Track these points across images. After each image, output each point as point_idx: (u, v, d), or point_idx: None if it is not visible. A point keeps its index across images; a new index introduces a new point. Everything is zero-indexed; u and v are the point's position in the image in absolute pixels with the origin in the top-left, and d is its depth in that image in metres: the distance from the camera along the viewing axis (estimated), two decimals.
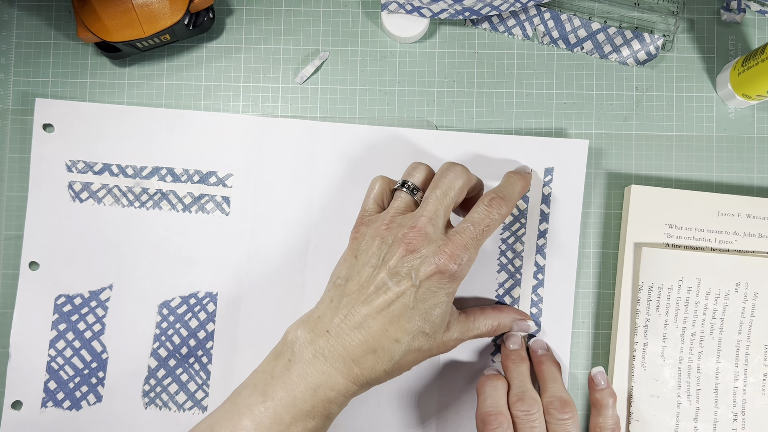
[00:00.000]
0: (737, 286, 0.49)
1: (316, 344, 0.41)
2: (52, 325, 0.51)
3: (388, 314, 0.41)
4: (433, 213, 0.43)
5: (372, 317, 0.41)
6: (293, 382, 0.40)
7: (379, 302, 0.41)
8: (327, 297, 0.43)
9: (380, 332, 0.41)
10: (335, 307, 0.42)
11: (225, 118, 0.52)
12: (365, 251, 0.43)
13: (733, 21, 0.52)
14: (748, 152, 0.52)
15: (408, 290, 0.41)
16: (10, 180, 0.52)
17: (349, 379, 0.41)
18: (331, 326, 0.41)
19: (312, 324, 0.42)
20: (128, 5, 0.48)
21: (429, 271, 0.41)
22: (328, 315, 0.42)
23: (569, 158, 0.51)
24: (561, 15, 0.52)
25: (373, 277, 0.42)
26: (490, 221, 0.43)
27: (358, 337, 0.41)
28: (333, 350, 0.41)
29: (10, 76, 0.53)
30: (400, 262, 0.41)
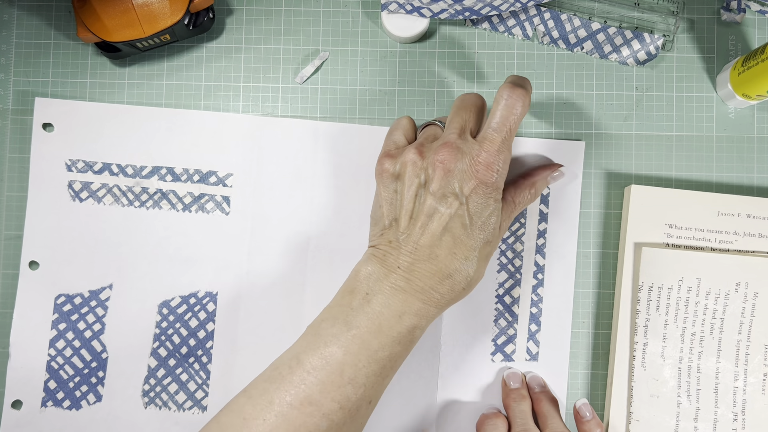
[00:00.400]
0: (737, 286, 0.49)
1: (390, 279, 0.41)
2: (52, 325, 0.51)
3: (450, 237, 0.41)
4: (460, 127, 0.43)
5: (436, 246, 0.41)
6: (376, 311, 0.41)
7: (435, 228, 0.41)
8: (385, 239, 0.43)
9: (449, 257, 0.41)
10: (397, 246, 0.42)
11: (225, 118, 0.52)
12: (402, 183, 0.43)
13: (733, 21, 0.52)
14: (748, 152, 0.52)
15: (459, 209, 0.41)
16: (9, 180, 0.52)
17: (431, 304, 0.41)
18: (400, 263, 0.41)
19: (381, 260, 0.42)
20: (128, 5, 0.48)
21: (472, 185, 0.41)
22: (393, 254, 0.42)
23: (567, 159, 0.51)
24: (561, 15, 0.52)
25: (421, 206, 0.42)
26: (515, 117, 0.42)
27: (431, 268, 0.41)
28: (409, 283, 0.41)
29: (10, 75, 0.53)
30: (441, 183, 0.41)
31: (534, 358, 0.51)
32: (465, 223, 0.41)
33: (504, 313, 0.51)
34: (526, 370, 0.51)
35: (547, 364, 0.51)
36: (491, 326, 0.51)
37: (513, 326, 0.51)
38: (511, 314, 0.51)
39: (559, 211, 0.51)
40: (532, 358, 0.51)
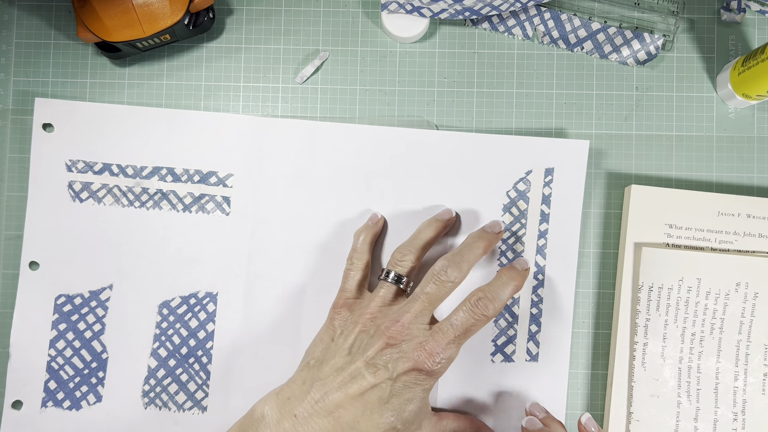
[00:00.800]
0: (737, 286, 0.49)
1: (281, 426, 0.41)
2: (52, 325, 0.51)
3: (361, 405, 0.41)
4: (419, 311, 0.43)
5: (344, 407, 0.41)
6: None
7: (352, 391, 0.41)
8: (299, 377, 0.43)
9: (350, 423, 0.41)
10: (306, 390, 0.42)
11: (225, 118, 0.52)
12: (344, 336, 0.44)
13: (733, 21, 0.52)
14: (748, 152, 0.52)
15: (384, 382, 0.41)
16: (9, 180, 0.52)
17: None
18: (299, 410, 0.41)
19: (281, 404, 0.42)
20: (128, 5, 0.48)
21: (406, 367, 0.41)
22: (298, 397, 0.42)
23: (569, 159, 0.51)
24: (561, 15, 0.52)
25: (349, 364, 0.42)
26: (474, 322, 0.43)
27: (326, 426, 0.41)
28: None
29: (10, 75, 0.53)
30: (378, 354, 0.42)
31: (534, 359, 0.51)
32: (383, 397, 0.41)
33: (504, 314, 0.51)
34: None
35: (547, 364, 0.51)
36: (491, 326, 0.51)
37: (513, 327, 0.51)
38: (511, 315, 0.51)
39: (560, 212, 0.51)
40: (532, 359, 0.51)
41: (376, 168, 0.51)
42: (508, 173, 0.51)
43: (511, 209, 0.51)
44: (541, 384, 0.51)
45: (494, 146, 0.51)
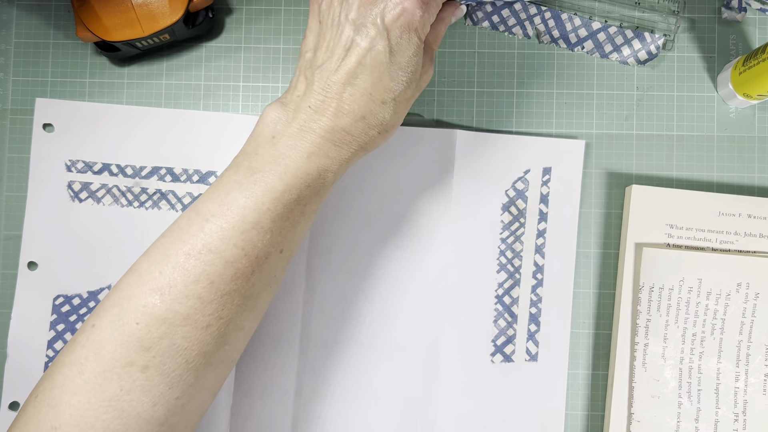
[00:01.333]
0: (738, 286, 0.49)
1: (299, 119, 0.39)
2: (51, 326, 0.51)
3: (368, 75, 0.38)
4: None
5: (350, 84, 0.38)
6: (281, 153, 0.38)
7: (351, 63, 0.38)
8: (300, 74, 0.41)
9: (363, 98, 0.39)
10: (310, 82, 0.39)
11: (225, 118, 0.52)
12: (327, 11, 0.40)
13: (734, 20, 0.52)
14: (749, 152, 0.52)
15: (377, 41, 0.38)
16: (9, 180, 0.52)
17: (341, 146, 0.39)
18: (312, 101, 0.39)
19: (290, 102, 0.40)
20: (127, 5, 0.48)
21: (394, 15, 0.38)
22: (304, 91, 0.40)
23: (566, 158, 0.51)
24: (561, 14, 0.52)
25: (339, 37, 0.39)
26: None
27: (344, 107, 0.38)
28: (319, 123, 0.39)
29: (9, 75, 0.53)
30: (360, 11, 0.38)
31: (533, 359, 0.51)
32: (384, 60, 0.38)
33: (503, 314, 0.51)
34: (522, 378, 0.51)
35: (546, 364, 0.51)
36: (491, 327, 0.51)
37: (512, 327, 0.51)
38: (510, 315, 0.51)
39: (558, 211, 0.51)
40: (531, 359, 0.51)
41: (375, 166, 0.51)
42: (506, 172, 0.51)
43: (509, 208, 0.51)
44: (540, 384, 0.51)
45: (492, 144, 0.51)
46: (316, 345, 0.51)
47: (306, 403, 0.50)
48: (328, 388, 0.50)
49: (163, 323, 0.35)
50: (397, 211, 0.51)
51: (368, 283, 0.51)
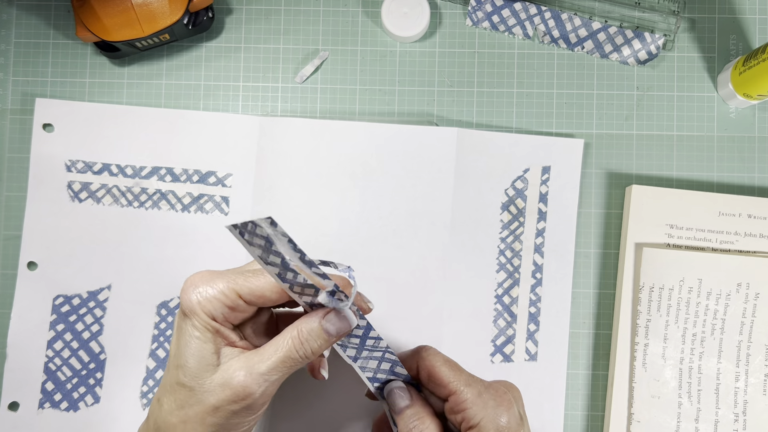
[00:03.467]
0: (738, 286, 0.49)
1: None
2: (50, 326, 0.51)
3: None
4: None
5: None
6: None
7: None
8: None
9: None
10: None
11: (224, 118, 0.52)
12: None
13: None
14: (749, 152, 0.52)
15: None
16: (9, 180, 0.52)
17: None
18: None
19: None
20: (127, 5, 0.48)
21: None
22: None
23: (565, 157, 0.51)
24: (561, 14, 0.52)
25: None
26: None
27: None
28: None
29: (9, 75, 0.53)
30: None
31: (533, 358, 0.51)
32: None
33: (503, 314, 0.51)
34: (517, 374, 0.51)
35: (545, 364, 0.51)
36: (490, 327, 0.51)
37: (512, 326, 0.51)
38: (509, 314, 0.51)
39: (557, 210, 0.51)
40: (531, 358, 0.51)
41: (375, 166, 0.51)
42: (506, 171, 0.51)
43: (509, 207, 0.51)
44: (540, 383, 0.50)
45: (492, 143, 0.51)
46: None
47: (305, 403, 0.50)
48: (331, 384, 0.50)
49: None
50: (396, 211, 0.51)
51: (368, 283, 0.51)
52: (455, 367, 0.38)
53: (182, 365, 0.36)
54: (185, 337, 0.36)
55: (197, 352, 0.36)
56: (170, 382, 0.37)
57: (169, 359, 0.37)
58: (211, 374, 0.36)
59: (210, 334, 0.36)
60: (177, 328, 0.37)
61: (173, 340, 0.37)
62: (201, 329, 0.36)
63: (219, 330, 0.36)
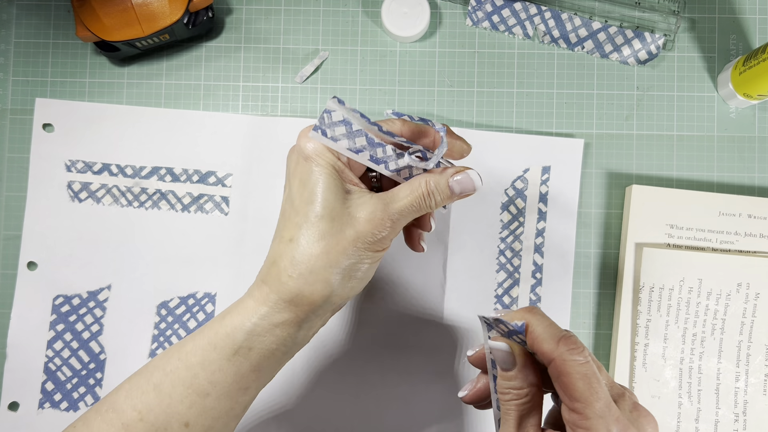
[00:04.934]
0: (738, 286, 0.49)
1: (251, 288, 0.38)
2: (50, 326, 0.51)
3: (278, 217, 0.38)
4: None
5: (272, 275, 0.37)
6: (208, 325, 0.37)
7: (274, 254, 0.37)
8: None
9: (273, 241, 0.37)
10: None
11: (224, 118, 0.52)
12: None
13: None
14: (749, 152, 0.52)
15: (286, 186, 0.38)
16: (9, 179, 0.52)
17: (258, 299, 0.36)
18: (261, 273, 0.38)
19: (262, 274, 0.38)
20: (127, 4, 0.48)
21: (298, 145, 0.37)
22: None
23: (565, 157, 0.51)
24: (561, 14, 0.52)
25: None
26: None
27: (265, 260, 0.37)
28: (252, 285, 0.37)
29: (9, 75, 0.53)
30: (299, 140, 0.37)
31: None
32: (284, 198, 0.37)
33: None
34: None
35: None
36: None
37: None
38: None
39: (557, 210, 0.51)
40: None
41: None
42: (506, 171, 0.51)
43: (509, 207, 0.51)
44: None
45: (492, 143, 0.51)
46: (315, 345, 0.50)
47: (305, 403, 0.50)
48: (329, 393, 0.50)
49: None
50: None
51: (370, 287, 0.50)
52: (594, 384, 0.31)
53: (317, 200, 0.35)
54: (313, 176, 0.36)
55: (331, 187, 0.36)
56: (304, 219, 0.36)
57: (290, 205, 0.36)
58: (348, 208, 0.36)
59: (335, 173, 0.36)
60: (297, 173, 0.36)
61: (295, 185, 0.36)
62: (327, 168, 0.36)
63: (342, 170, 0.36)
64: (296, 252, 0.35)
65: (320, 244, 0.35)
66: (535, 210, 0.51)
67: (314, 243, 0.35)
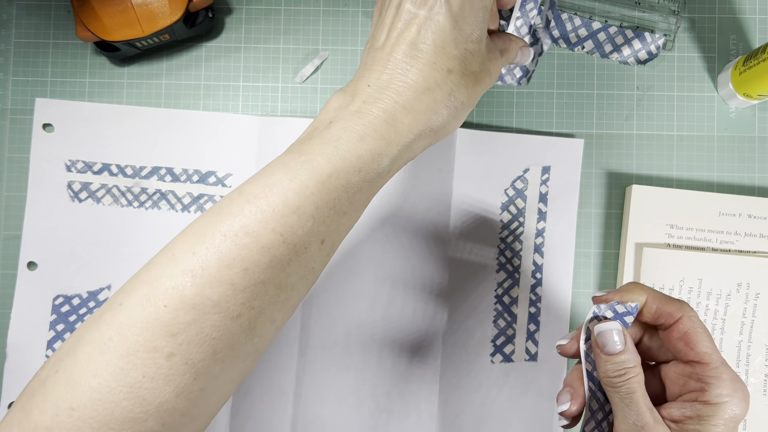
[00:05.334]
0: (738, 286, 0.49)
1: (357, 101, 0.35)
2: (50, 326, 0.51)
3: (430, 42, 0.35)
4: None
5: (412, 56, 0.35)
6: (333, 135, 0.35)
7: (412, 35, 0.36)
8: (361, 63, 0.38)
9: (427, 68, 0.35)
10: (371, 63, 0.37)
11: (224, 118, 0.52)
12: (387, 1, 0.38)
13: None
14: (749, 152, 0.52)
15: (438, 8, 0.35)
16: (9, 180, 0.52)
17: (401, 127, 0.35)
18: (372, 80, 0.36)
19: (350, 86, 0.37)
20: (127, 4, 0.48)
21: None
22: (365, 74, 0.36)
23: (565, 157, 0.51)
24: (561, 14, 0.52)
25: (398, 13, 0.36)
26: None
27: (405, 81, 0.35)
28: (378, 104, 0.35)
29: (9, 75, 0.53)
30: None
31: (533, 358, 0.51)
32: (446, 26, 0.35)
33: (503, 314, 0.51)
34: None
35: (546, 364, 0.51)
36: (490, 327, 0.51)
37: (512, 326, 0.51)
38: (509, 314, 0.51)
39: (557, 210, 0.51)
40: (531, 358, 0.51)
41: None
42: (506, 171, 0.51)
43: (509, 207, 0.51)
44: (540, 383, 0.50)
45: (491, 143, 0.51)
46: (315, 346, 0.50)
47: (305, 404, 0.50)
48: (327, 389, 0.50)
49: (192, 308, 0.33)
50: (397, 211, 0.51)
51: (368, 283, 0.51)
52: (712, 339, 0.35)
53: (476, 39, 0.37)
54: (482, 16, 0.37)
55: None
56: (463, 54, 0.36)
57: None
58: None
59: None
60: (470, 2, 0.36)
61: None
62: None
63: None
64: (454, 87, 0.36)
65: (473, 85, 0.37)
66: (535, 210, 0.51)
67: (470, 85, 0.37)
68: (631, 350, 0.35)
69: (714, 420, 0.33)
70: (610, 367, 0.35)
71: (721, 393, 0.34)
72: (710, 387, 0.34)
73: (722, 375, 0.34)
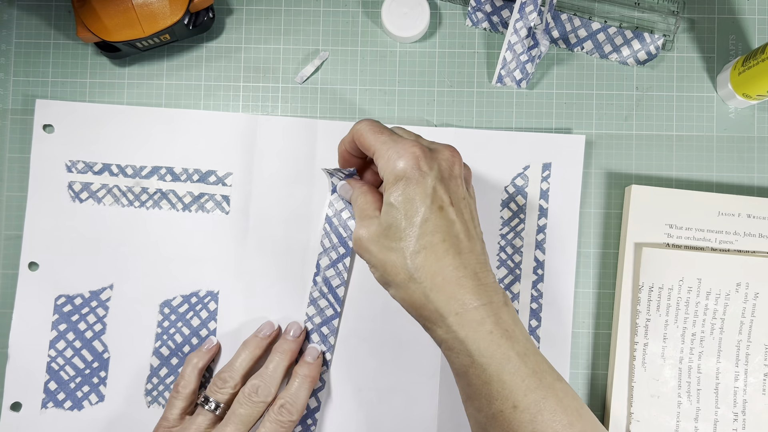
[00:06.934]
0: (738, 286, 0.49)
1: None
2: (53, 326, 0.51)
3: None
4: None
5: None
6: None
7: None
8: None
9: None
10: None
11: (224, 118, 0.52)
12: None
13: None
14: (749, 152, 0.52)
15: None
16: (9, 180, 0.52)
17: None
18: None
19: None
20: (128, 5, 0.48)
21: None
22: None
23: (566, 153, 0.51)
24: (561, 15, 0.52)
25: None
26: (282, 430, 0.46)
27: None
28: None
29: (9, 75, 0.53)
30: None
31: None
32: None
33: None
34: None
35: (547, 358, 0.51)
36: None
37: None
38: None
39: (559, 206, 0.51)
40: None
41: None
42: (505, 169, 0.51)
43: (509, 204, 0.51)
44: None
45: (492, 141, 0.51)
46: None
47: None
48: (328, 386, 0.51)
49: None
50: None
51: (369, 281, 0.51)
52: (379, 129, 0.41)
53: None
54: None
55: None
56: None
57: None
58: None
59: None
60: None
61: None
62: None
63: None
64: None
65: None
66: (536, 206, 0.51)
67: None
68: (356, 185, 0.44)
69: (386, 185, 0.39)
70: (350, 193, 0.44)
71: (379, 163, 0.40)
72: (377, 163, 0.40)
73: (377, 148, 0.40)
